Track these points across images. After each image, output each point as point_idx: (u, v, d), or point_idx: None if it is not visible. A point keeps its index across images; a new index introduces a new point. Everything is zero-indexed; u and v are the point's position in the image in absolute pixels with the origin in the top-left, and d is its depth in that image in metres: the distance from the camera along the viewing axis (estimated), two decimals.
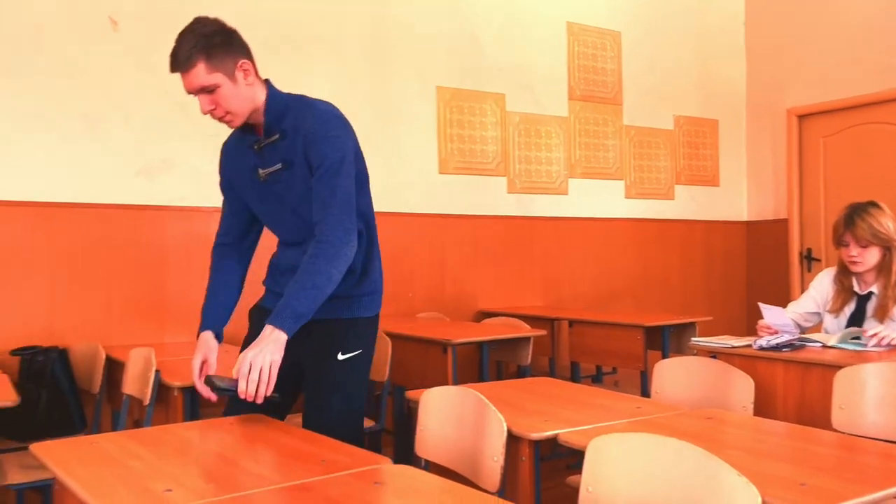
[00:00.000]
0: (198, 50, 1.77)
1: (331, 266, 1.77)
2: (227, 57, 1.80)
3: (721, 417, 1.82)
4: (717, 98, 5.72)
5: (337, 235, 1.79)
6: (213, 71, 1.78)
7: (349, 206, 1.82)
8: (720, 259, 5.72)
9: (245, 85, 1.84)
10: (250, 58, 1.88)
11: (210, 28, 1.81)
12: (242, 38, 1.88)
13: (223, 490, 1.25)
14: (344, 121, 1.89)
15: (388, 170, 4.29)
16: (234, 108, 1.84)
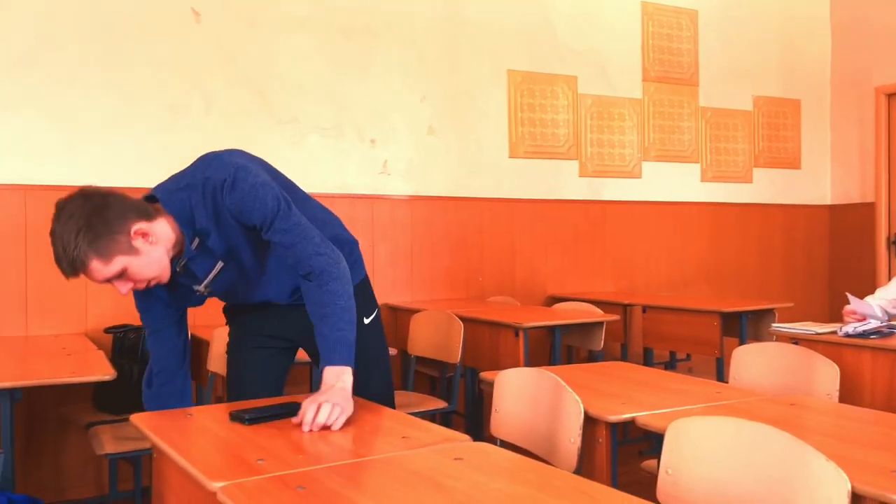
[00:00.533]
0: (80, 251, 1.54)
1: (342, 283, 1.71)
2: (115, 235, 1.56)
3: (805, 404, 1.78)
4: (799, 77, 5.51)
5: (323, 261, 1.70)
6: (110, 259, 1.57)
7: (309, 232, 1.71)
8: (801, 244, 5.53)
9: (151, 246, 1.63)
10: (137, 213, 1.61)
11: (77, 216, 1.54)
12: (112, 195, 1.61)
13: (311, 461, 1.31)
14: (244, 168, 1.69)
15: (459, 154, 4.32)
16: (154, 273, 1.65)
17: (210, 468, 1.26)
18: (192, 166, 1.76)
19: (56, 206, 1.59)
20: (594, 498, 1.12)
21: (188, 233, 1.70)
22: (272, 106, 3.82)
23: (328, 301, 1.68)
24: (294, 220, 1.69)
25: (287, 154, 3.84)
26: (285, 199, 1.70)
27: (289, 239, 1.69)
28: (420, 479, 1.20)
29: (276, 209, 1.66)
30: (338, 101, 3.98)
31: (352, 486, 1.18)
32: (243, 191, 1.65)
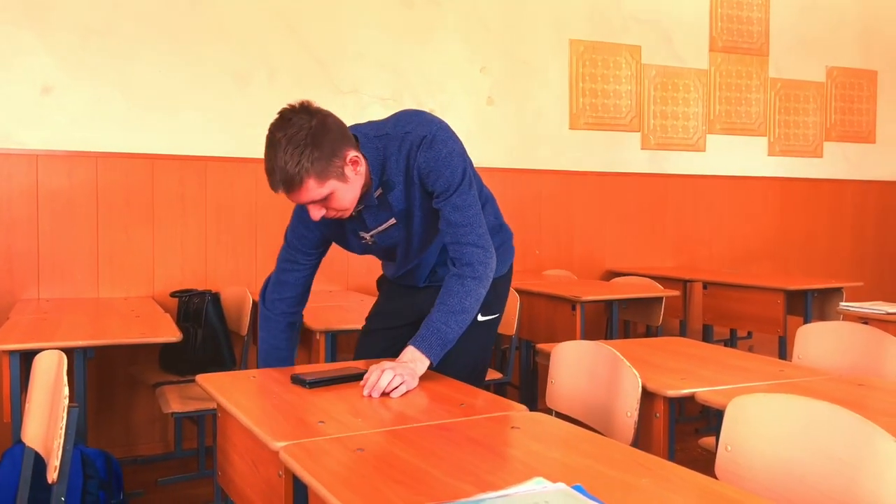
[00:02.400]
0: (302, 168, 1.53)
1: (480, 286, 1.69)
2: (333, 158, 1.57)
3: (873, 384, 1.73)
4: (876, 47, 5.25)
5: (476, 255, 1.68)
6: (324, 181, 1.57)
7: (479, 220, 1.71)
8: (872, 222, 5.31)
9: (356, 176, 1.63)
10: (351, 140, 1.63)
11: (305, 131, 1.54)
12: (334, 117, 1.63)
13: (370, 425, 1.33)
14: (446, 130, 1.71)
15: (519, 125, 4.28)
16: (348, 205, 1.65)
17: (273, 428, 1.30)
18: (392, 117, 1.77)
19: (280, 115, 1.58)
20: (652, 470, 1.12)
21: (375, 180, 1.69)
22: (333, 76, 3.85)
23: (458, 294, 1.67)
24: (471, 201, 1.70)
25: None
26: (472, 176, 1.72)
27: (458, 217, 1.68)
28: (477, 446, 1.22)
29: (460, 182, 1.67)
30: (398, 71, 3.98)
31: (410, 449, 1.20)
32: (439, 153, 1.65)
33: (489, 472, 1.09)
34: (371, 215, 1.76)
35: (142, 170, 3.48)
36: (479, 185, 1.85)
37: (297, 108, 1.59)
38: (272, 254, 3.71)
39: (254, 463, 1.43)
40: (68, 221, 3.37)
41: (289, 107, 1.60)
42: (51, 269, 3.34)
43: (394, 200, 1.72)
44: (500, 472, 1.09)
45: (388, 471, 1.10)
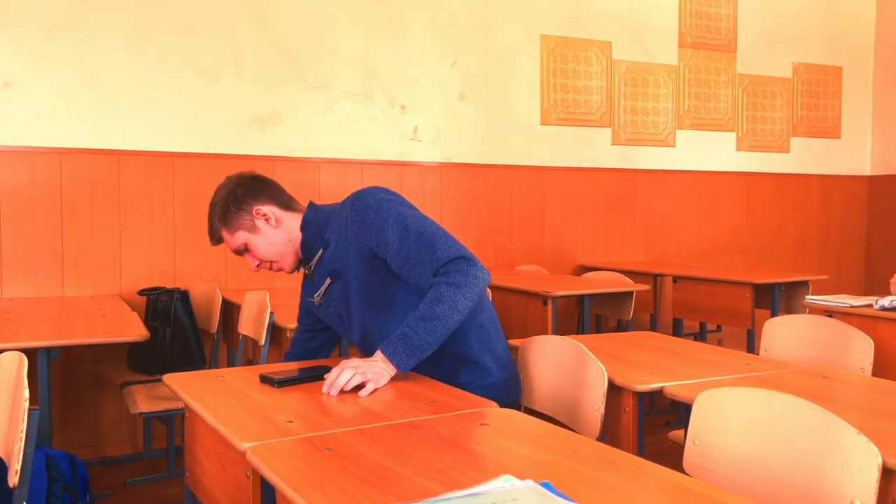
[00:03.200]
0: (214, 221, 1.81)
1: (456, 292, 1.57)
2: (240, 212, 1.78)
3: (837, 377, 1.75)
4: (842, 43, 5.34)
5: (457, 264, 1.59)
6: (234, 233, 1.80)
7: (446, 237, 1.63)
8: (838, 216, 5.41)
9: (272, 229, 1.79)
10: (270, 198, 1.80)
11: (222, 194, 1.82)
12: (262, 180, 1.83)
13: (338, 424, 1.32)
14: (379, 188, 1.77)
15: (490, 121, 4.28)
16: (270, 256, 1.81)
17: (240, 429, 1.29)
18: None
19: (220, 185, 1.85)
20: (620, 465, 1.12)
21: (317, 241, 1.80)
22: (303, 71, 3.81)
23: (430, 300, 1.58)
24: (423, 229, 1.63)
25: (317, 120, 3.84)
26: (415, 215, 1.67)
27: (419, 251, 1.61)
28: (447, 444, 1.21)
29: (398, 220, 1.65)
30: (368, 66, 3.96)
31: (379, 448, 1.19)
32: (369, 204, 1.69)
33: (458, 469, 1.09)
34: (318, 277, 1.83)
35: (107, 166, 3.42)
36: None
37: (231, 176, 1.85)
38: None
39: (222, 464, 1.41)
40: (31, 219, 3.30)
41: (228, 177, 1.86)
42: (13, 268, 3.27)
43: (327, 258, 1.79)
44: (468, 470, 1.09)
45: (356, 470, 1.09)
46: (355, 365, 1.55)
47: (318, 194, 3.84)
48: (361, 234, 1.69)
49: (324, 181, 3.85)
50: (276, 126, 3.76)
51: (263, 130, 3.74)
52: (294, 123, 3.79)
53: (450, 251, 1.61)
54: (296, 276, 1.96)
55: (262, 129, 3.73)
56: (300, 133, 3.81)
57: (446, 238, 1.64)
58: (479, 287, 1.60)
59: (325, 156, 3.85)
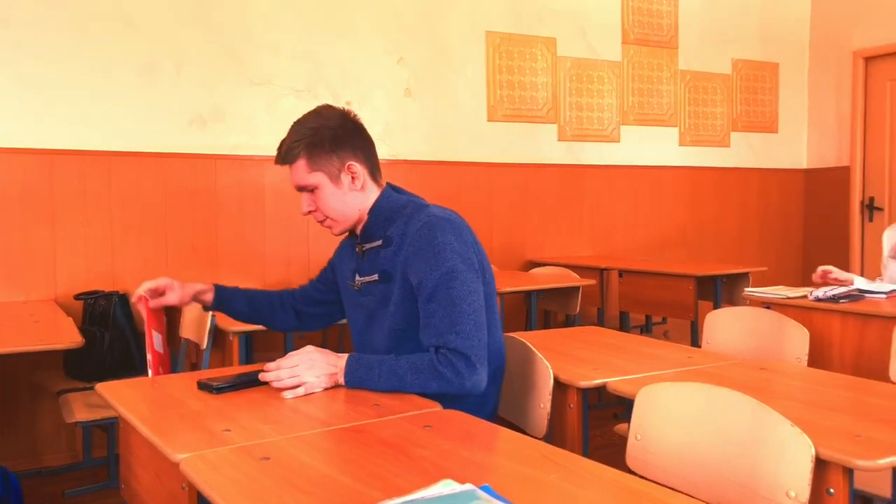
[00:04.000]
0: (300, 145, 1.61)
1: (436, 382, 1.50)
2: (332, 156, 1.62)
3: (774, 368, 1.79)
4: (778, 40, 5.49)
5: (458, 362, 1.49)
6: (314, 170, 1.62)
7: (473, 325, 1.51)
8: (777, 208, 5.56)
9: (351, 190, 1.65)
10: (367, 159, 1.67)
11: (324, 122, 1.63)
12: (365, 134, 1.69)
13: (279, 431, 1.29)
14: (457, 225, 1.61)
15: (437, 117, 4.26)
16: (334, 214, 1.66)
17: (174, 439, 1.25)
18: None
19: (320, 106, 1.69)
20: (561, 465, 1.12)
21: (379, 231, 1.67)
22: (245, 67, 3.74)
23: (414, 364, 1.51)
24: (462, 301, 1.52)
25: (261, 117, 3.76)
26: (468, 279, 1.55)
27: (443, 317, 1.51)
28: (387, 448, 1.20)
29: (446, 273, 1.53)
30: (313, 62, 3.90)
31: (318, 455, 1.17)
32: (432, 238, 1.56)
33: (399, 475, 1.08)
34: (368, 259, 1.70)
35: (39, 166, 3.29)
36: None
37: (336, 108, 1.68)
38: (183, 251, 3.61)
39: (157, 475, 1.37)
40: None
41: (333, 105, 1.69)
42: None
43: (384, 256, 1.66)
44: (409, 475, 1.07)
45: (294, 479, 1.06)
46: (295, 364, 1.53)
47: (263, 193, 3.78)
48: (412, 262, 1.59)
49: (269, 179, 3.78)
50: (218, 123, 3.67)
51: (205, 128, 3.65)
52: (237, 121, 3.71)
53: (462, 342, 1.50)
54: (238, 273, 1.91)
55: (203, 126, 3.64)
56: (243, 130, 3.73)
57: (472, 326, 1.52)
58: (458, 391, 1.50)
59: (269, 154, 3.74)
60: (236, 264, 3.71)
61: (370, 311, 1.70)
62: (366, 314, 1.72)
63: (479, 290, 1.57)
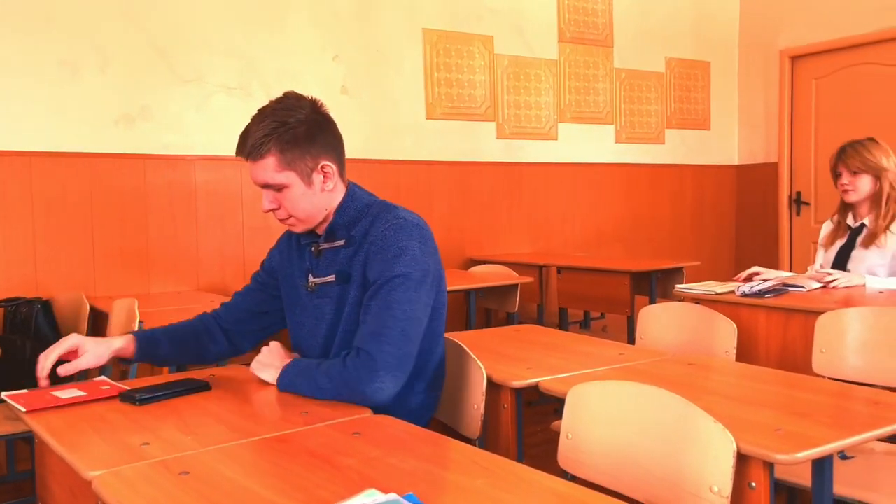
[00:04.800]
0: (270, 140, 1.50)
1: (342, 388, 1.46)
2: (306, 155, 1.52)
3: (702, 363, 1.83)
4: (709, 39, 5.62)
5: (360, 371, 1.43)
6: (284, 169, 1.52)
7: (401, 340, 1.46)
8: (710, 203, 5.70)
9: (321, 191, 1.57)
10: (338, 157, 1.59)
11: (295, 115, 1.52)
12: (335, 128, 1.60)
13: (200, 443, 1.25)
14: (424, 232, 1.56)
15: (374, 115, 4.22)
16: (301, 214, 1.57)
17: (87, 455, 1.19)
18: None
19: (287, 93, 1.57)
20: (489, 469, 1.11)
21: (343, 231, 1.60)
22: (174, 64, 3.63)
23: (331, 370, 1.47)
24: (402, 309, 1.47)
25: (191, 115, 3.66)
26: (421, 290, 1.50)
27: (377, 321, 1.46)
28: (313, 458, 1.17)
29: (400, 277, 1.48)
30: (245, 58, 3.81)
31: (240, 467, 1.13)
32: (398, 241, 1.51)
33: (322, 486, 1.05)
34: (324, 259, 1.62)
35: None
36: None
37: (308, 98, 1.57)
38: (111, 255, 3.48)
39: (72, 492, 1.31)
40: None
41: (301, 95, 1.57)
42: None
43: (343, 257, 1.59)
44: (332, 486, 1.05)
45: (213, 495, 1.03)
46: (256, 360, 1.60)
47: (195, 193, 3.67)
48: (372, 261, 1.53)
49: (200, 179, 3.68)
50: (146, 122, 3.56)
51: (132, 127, 3.53)
52: (166, 119, 3.60)
53: (375, 347, 1.45)
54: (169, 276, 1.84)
55: (130, 125, 3.52)
56: (173, 129, 3.62)
57: (396, 334, 1.46)
58: (361, 400, 1.44)
59: (200, 153, 3.69)
60: (168, 267, 3.60)
61: (322, 313, 1.62)
62: (316, 317, 1.63)
63: (422, 301, 1.52)
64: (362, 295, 1.55)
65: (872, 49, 4.94)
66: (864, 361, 1.96)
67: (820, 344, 2.02)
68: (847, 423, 1.33)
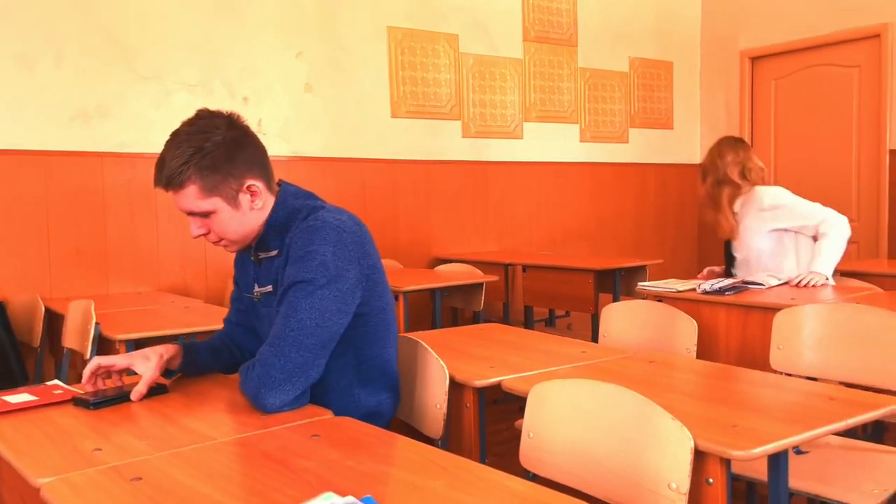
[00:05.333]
0: (188, 169, 1.42)
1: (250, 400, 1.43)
2: (228, 177, 1.46)
3: (663, 361, 1.85)
4: (672, 40, 5.69)
5: (254, 384, 1.39)
6: (208, 196, 1.45)
7: (299, 346, 1.40)
8: (673, 202, 5.78)
9: (251, 209, 1.50)
10: (263, 171, 1.52)
11: (211, 137, 1.44)
12: (256, 140, 1.53)
13: (155, 448, 1.22)
14: (342, 233, 1.48)
15: (338, 113, 4.19)
16: (232, 237, 1.52)
17: (37, 461, 1.16)
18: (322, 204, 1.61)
19: (199, 113, 1.49)
20: (447, 470, 1.11)
21: (276, 241, 1.54)
22: (132, 60, 3.56)
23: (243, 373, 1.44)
24: (303, 317, 1.40)
25: (151, 113, 3.60)
26: (329, 296, 1.42)
27: (279, 325, 1.42)
28: (270, 461, 1.15)
29: (306, 283, 1.41)
30: (206, 56, 3.75)
31: (195, 472, 1.11)
32: (308, 244, 1.44)
33: (278, 490, 1.03)
34: (265, 271, 1.58)
35: None
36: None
37: (220, 113, 1.50)
38: (68, 255, 3.40)
39: (22, 499, 1.27)
40: None
41: (212, 111, 1.50)
42: None
43: (278, 264, 1.53)
44: (289, 490, 1.03)
45: (166, 501, 1.01)
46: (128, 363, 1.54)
47: (155, 192, 3.60)
48: (291, 264, 1.47)
49: None
50: (103, 119, 3.48)
51: (89, 124, 3.45)
52: (124, 117, 3.53)
53: (271, 358, 1.39)
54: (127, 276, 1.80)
55: (87, 122, 3.44)
56: (131, 127, 3.55)
57: (290, 346, 1.40)
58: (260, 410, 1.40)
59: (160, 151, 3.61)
60: (127, 268, 3.53)
61: (271, 322, 1.55)
62: (267, 325, 1.57)
63: (329, 308, 1.43)
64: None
65: (829, 50, 5.05)
66: (819, 357, 2.00)
67: (777, 340, 2.05)
68: (802, 418, 1.35)
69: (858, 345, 1.96)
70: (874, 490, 1.59)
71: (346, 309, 1.48)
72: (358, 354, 1.57)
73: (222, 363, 1.70)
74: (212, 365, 1.69)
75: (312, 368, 1.43)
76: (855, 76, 4.96)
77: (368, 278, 1.53)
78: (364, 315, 1.54)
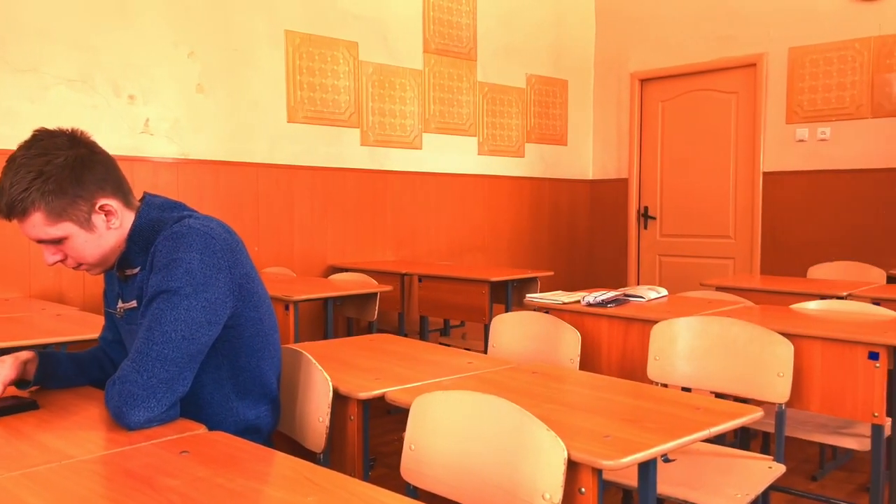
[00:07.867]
0: (30, 195, 1.33)
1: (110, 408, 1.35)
2: (77, 200, 1.37)
3: (545, 372, 1.88)
4: (567, 59, 5.88)
5: (117, 401, 1.32)
6: (57, 221, 1.37)
7: (162, 361, 1.34)
8: (566, 216, 5.95)
9: (108, 229, 1.43)
10: (116, 188, 1.44)
11: (53, 159, 1.34)
12: (104, 156, 1.43)
13: (6, 468, 1.14)
14: (210, 240, 1.41)
15: (232, 116, 4.08)
16: (90, 260, 1.44)
17: None
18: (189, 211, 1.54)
19: (36, 134, 1.37)
20: (320, 486, 1.08)
21: (140, 256, 1.46)
22: (6, 52, 3.34)
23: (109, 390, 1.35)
24: (168, 331, 1.33)
25: (26, 108, 3.38)
26: (197, 306, 1.35)
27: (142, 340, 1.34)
28: (132, 480, 1.09)
29: (171, 292, 1.34)
30: (88, 51, 3.57)
31: (48, 495, 1.04)
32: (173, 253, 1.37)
33: None
34: (130, 286, 1.51)
35: None
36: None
37: (61, 131, 1.39)
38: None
39: None
40: None
41: (52, 130, 1.39)
42: None
43: (140, 278, 1.47)
44: None
45: None
46: None
47: None
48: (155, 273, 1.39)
49: None
50: None
51: None
52: None
53: (131, 383, 1.32)
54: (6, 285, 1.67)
55: None
56: (5, 122, 3.33)
57: (154, 367, 1.33)
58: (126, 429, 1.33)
59: None
60: None
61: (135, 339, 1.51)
62: (132, 343, 1.51)
63: (201, 320, 1.37)
64: None
65: (710, 77, 5.36)
66: (692, 368, 2.10)
67: (654, 352, 2.14)
68: (671, 427, 1.41)
69: (727, 356, 2.07)
70: (737, 494, 1.69)
71: (216, 320, 1.42)
72: (233, 366, 1.52)
73: (89, 376, 1.61)
74: (75, 378, 1.59)
75: (178, 383, 1.37)
76: (733, 102, 5.28)
77: (242, 287, 1.47)
78: (237, 326, 1.49)
